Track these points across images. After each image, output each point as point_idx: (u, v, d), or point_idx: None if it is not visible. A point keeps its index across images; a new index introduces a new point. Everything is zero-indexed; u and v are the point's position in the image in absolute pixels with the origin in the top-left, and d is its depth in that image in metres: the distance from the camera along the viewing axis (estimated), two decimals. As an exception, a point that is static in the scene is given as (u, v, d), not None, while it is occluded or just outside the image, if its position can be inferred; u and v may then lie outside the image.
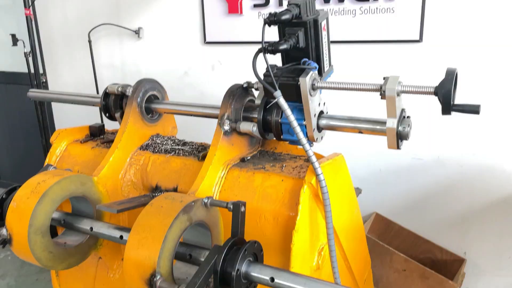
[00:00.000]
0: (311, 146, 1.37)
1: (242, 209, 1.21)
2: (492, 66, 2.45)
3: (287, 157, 1.64)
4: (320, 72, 1.43)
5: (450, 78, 1.14)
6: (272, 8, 2.86)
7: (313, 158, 1.32)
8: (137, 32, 3.46)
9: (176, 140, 1.86)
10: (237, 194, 1.48)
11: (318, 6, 2.71)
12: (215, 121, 1.58)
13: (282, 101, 1.31)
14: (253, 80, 1.50)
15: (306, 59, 1.39)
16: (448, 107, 1.15)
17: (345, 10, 2.67)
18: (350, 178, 1.66)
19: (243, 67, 3.09)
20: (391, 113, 1.27)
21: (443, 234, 2.84)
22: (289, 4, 1.34)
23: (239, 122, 1.54)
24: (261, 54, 1.32)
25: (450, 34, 2.49)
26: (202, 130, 2.17)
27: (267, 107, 1.52)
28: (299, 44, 1.36)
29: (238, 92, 1.59)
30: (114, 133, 2.03)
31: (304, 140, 1.33)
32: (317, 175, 1.32)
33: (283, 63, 1.45)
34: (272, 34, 1.42)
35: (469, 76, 2.47)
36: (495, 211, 2.66)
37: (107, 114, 1.88)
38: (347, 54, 2.74)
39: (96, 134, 1.96)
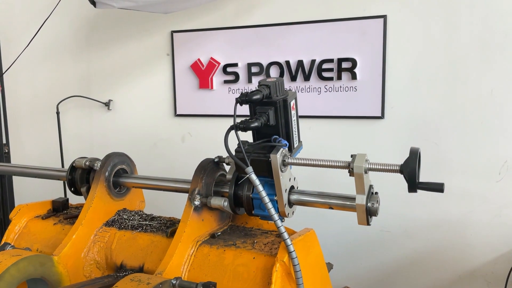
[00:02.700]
0: (282, 221, 1.36)
1: (213, 290, 1.16)
2: (453, 146, 2.59)
3: (258, 232, 1.62)
4: (290, 149, 1.46)
5: (414, 157, 1.19)
6: (242, 84, 2.98)
7: (285, 235, 1.31)
8: (107, 104, 3.48)
9: (144, 215, 1.80)
10: (207, 274, 1.42)
11: (286, 83, 2.84)
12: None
13: (253, 177, 1.32)
14: (224, 154, 1.51)
15: (277, 136, 1.43)
16: (413, 185, 1.19)
17: (311, 88, 2.81)
18: (322, 253, 1.64)
19: (213, 139, 3.15)
20: (359, 190, 1.30)
21: (415, 308, 2.80)
22: (259, 84, 1.41)
23: (210, 197, 1.53)
24: (233, 131, 1.35)
25: (410, 111, 2.64)
26: (171, 202, 2.13)
27: (239, 182, 1.52)
28: (269, 122, 1.40)
29: (209, 167, 1.59)
30: (78, 207, 1.95)
31: (275, 216, 1.32)
32: (289, 253, 1.30)
33: (254, 139, 1.49)
34: (244, 107, 1.46)
35: (432, 152, 2.59)
36: (464, 283, 2.66)
37: (72, 189, 1.82)
38: (314, 128, 2.84)
39: (59, 209, 1.88)
